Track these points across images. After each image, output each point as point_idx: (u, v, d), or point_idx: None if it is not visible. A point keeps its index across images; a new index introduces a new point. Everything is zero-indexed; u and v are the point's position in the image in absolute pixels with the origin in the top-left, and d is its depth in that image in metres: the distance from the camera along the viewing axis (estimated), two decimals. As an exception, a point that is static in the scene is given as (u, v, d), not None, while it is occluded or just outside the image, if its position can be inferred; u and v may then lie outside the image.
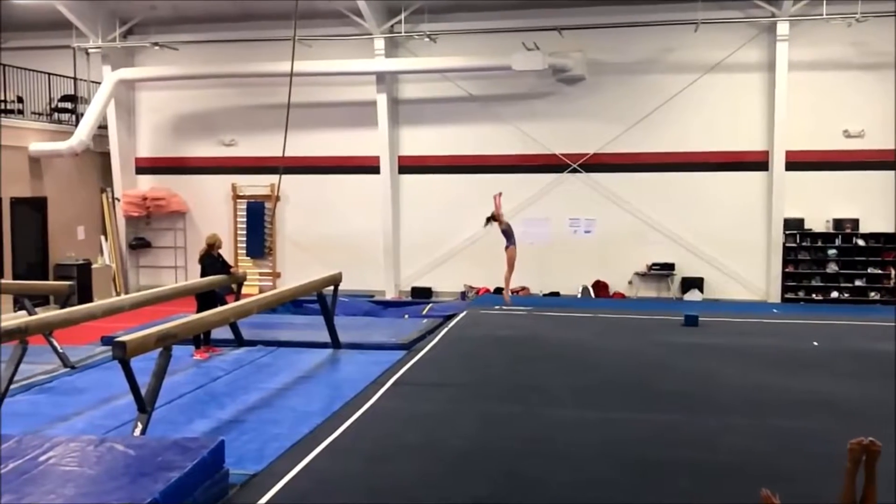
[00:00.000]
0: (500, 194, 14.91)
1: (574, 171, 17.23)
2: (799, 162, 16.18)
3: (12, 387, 8.20)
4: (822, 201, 16.38)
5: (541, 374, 9.62)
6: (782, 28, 15.88)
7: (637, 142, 16.90)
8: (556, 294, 17.33)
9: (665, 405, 8.17)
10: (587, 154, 17.13)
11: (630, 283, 17.31)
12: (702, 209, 16.79)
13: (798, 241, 16.53)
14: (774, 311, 15.14)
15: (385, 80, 17.45)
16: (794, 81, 15.98)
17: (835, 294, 16.38)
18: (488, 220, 14.75)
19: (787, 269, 16.57)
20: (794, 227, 16.49)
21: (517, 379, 9.42)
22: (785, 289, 16.59)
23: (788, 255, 16.55)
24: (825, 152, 16.24)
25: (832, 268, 16.46)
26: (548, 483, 6.03)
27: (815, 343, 11.38)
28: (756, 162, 16.60)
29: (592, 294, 17.07)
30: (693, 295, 16.77)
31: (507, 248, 14.55)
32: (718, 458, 6.57)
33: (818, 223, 16.51)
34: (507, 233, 14.60)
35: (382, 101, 17.45)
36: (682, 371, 9.74)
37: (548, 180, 17.37)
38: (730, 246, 16.75)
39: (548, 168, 17.31)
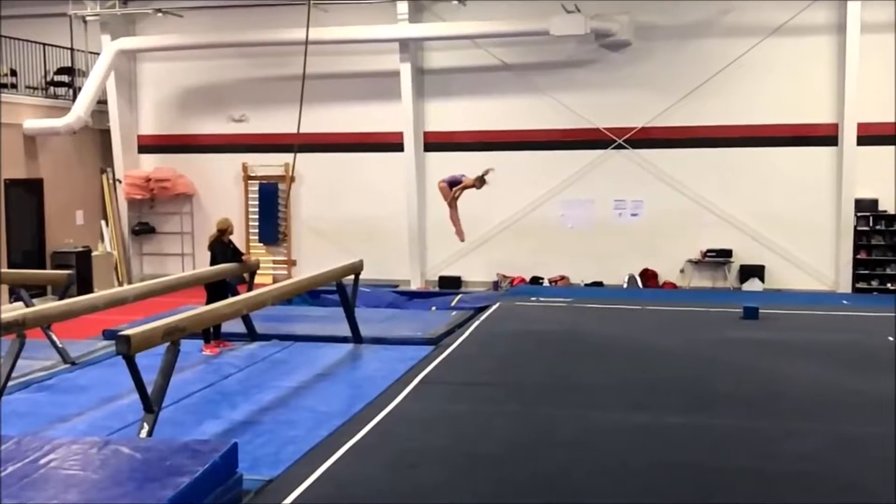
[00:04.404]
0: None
1: (619, 147, 17.12)
2: (872, 136, 15.91)
3: (9, 384, 8.37)
4: (899, 180, 16.14)
5: (583, 373, 9.60)
6: (854, -15, 15.63)
7: (690, 114, 16.74)
8: (600, 284, 17.27)
9: (721, 408, 8.13)
10: (634, 128, 17.00)
11: (682, 271, 17.20)
12: (763, 189, 16.61)
13: (871, 224, 16.32)
14: (844, 302, 14.98)
15: (409, 47, 17.43)
16: (868, 45, 15.69)
17: (913, 284, 16.18)
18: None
19: (858, 256, 16.37)
20: (866, 208, 16.28)
21: (556, 378, 9.42)
22: (856, 277, 16.39)
23: (860, 240, 16.36)
24: (902, 125, 15.98)
25: (910, 254, 16.25)
26: (592, 493, 6.03)
27: (891, 338, 11.23)
28: (824, 136, 16.37)
29: (640, 284, 16.99)
30: (753, 285, 16.63)
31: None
32: (781, 466, 6.53)
33: (894, 204, 16.27)
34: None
35: (406, 71, 17.44)
36: (741, 370, 9.68)
37: (590, 158, 17.28)
38: (794, 230, 16.56)
39: (590, 144, 17.21)
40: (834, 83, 16.20)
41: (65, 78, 18.77)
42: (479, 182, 11.86)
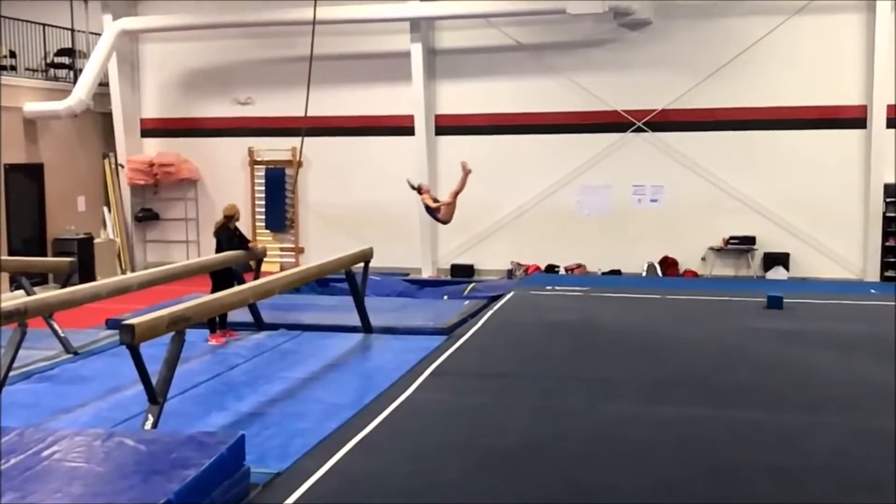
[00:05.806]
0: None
1: (638, 130, 17.04)
2: (903, 118, 15.84)
3: (11, 374, 8.42)
4: (931, 164, 16.04)
5: (601, 364, 9.60)
6: (885, -40, 15.50)
7: (712, 96, 16.65)
8: (618, 272, 17.24)
9: (745, 400, 8.11)
10: (654, 111, 16.92)
11: (703, 259, 17.15)
12: (788, 173, 16.51)
13: (901, 210, 16.26)
14: (872, 291, 14.90)
15: (420, 27, 17.38)
16: (899, 23, 15.60)
17: (944, 272, 16.09)
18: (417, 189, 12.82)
19: (887, 243, 16.30)
20: (896, 193, 16.22)
21: (573, 369, 9.42)
22: (885, 265, 16.33)
23: (889, 227, 16.27)
24: (935, 106, 15.86)
25: (941, 242, 16.16)
26: (611, 488, 6.03)
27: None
28: (852, 118, 16.25)
29: (660, 272, 16.96)
30: (777, 273, 16.57)
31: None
32: (806, 461, 6.51)
33: (925, 190, 16.18)
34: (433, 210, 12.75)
35: (417, 51, 17.41)
36: (765, 361, 9.65)
37: (608, 141, 17.21)
38: (820, 216, 16.48)
39: (608, 127, 17.14)
40: (862, 63, 16.07)
41: (65, 60, 18.82)
42: (421, 192, 12.53)
